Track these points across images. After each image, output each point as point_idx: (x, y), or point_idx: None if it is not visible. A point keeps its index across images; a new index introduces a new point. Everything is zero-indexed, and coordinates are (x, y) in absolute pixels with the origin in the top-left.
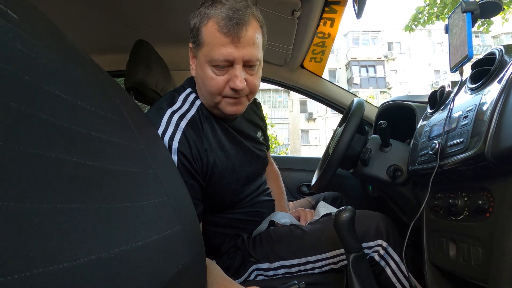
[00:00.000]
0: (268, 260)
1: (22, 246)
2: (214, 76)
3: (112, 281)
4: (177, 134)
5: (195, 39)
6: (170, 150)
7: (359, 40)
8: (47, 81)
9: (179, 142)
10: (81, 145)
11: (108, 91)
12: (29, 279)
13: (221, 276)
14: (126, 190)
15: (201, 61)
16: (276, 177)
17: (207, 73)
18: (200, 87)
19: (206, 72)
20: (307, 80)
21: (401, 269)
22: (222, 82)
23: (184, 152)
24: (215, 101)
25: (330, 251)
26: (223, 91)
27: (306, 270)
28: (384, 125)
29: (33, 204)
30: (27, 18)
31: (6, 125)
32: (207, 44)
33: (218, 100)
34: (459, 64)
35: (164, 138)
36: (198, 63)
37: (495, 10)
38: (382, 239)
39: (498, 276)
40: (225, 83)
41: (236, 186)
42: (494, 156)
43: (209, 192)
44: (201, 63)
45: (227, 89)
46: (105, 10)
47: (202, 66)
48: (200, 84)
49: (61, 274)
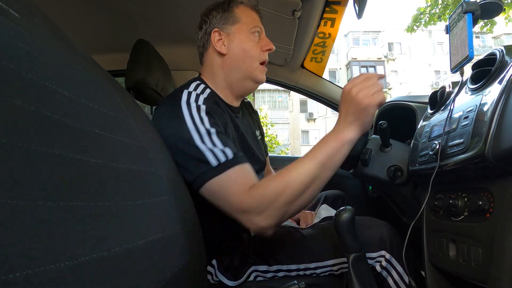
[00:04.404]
0: (266, 263)
1: (24, 244)
2: (255, 42)
3: (113, 280)
4: (200, 100)
5: (226, 20)
6: (199, 110)
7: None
8: (50, 79)
9: (205, 104)
10: (85, 143)
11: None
12: (30, 277)
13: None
14: (128, 188)
15: (240, 35)
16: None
17: (250, 40)
18: (239, 60)
19: (249, 41)
20: (308, 80)
21: (403, 280)
22: (260, 46)
23: (210, 111)
24: (254, 68)
25: (330, 260)
26: (261, 56)
27: (305, 274)
28: (384, 126)
29: (36, 201)
30: (28, 17)
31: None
32: (242, 18)
33: (255, 66)
34: (459, 65)
35: (190, 104)
36: (233, 39)
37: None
38: (385, 250)
39: (498, 276)
40: (260, 48)
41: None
42: (495, 157)
43: None
44: (241, 37)
45: (263, 53)
46: (105, 10)
47: (241, 38)
48: (240, 57)
49: (62, 272)
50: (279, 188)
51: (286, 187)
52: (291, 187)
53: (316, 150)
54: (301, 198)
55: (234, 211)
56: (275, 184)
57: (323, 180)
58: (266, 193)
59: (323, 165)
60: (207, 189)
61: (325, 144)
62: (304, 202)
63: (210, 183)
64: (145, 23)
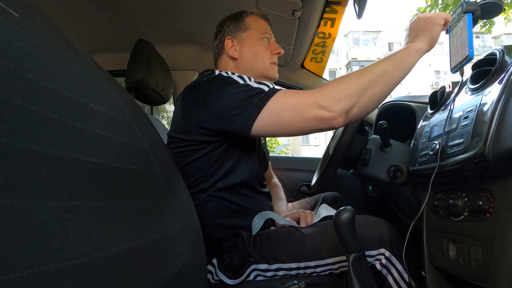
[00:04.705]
0: (267, 262)
1: (24, 244)
2: (265, 47)
3: (113, 280)
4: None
5: (238, 28)
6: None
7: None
8: (50, 79)
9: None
10: (85, 142)
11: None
12: (30, 278)
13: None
14: (128, 188)
15: (250, 41)
16: (278, 189)
17: (261, 46)
18: (250, 62)
19: (259, 46)
20: (308, 80)
21: (403, 278)
22: (269, 50)
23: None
24: (266, 67)
25: (330, 258)
26: (271, 58)
27: (306, 273)
28: (384, 126)
29: (36, 201)
30: (28, 17)
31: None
32: (252, 26)
33: (267, 66)
34: (459, 65)
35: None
36: (244, 45)
37: (496, 11)
38: (385, 248)
39: (498, 276)
40: (270, 52)
41: (251, 166)
42: (495, 157)
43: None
44: (252, 42)
45: (273, 56)
46: (106, 10)
47: (251, 43)
48: (251, 59)
49: (62, 272)
50: (350, 77)
51: (357, 76)
52: (362, 76)
53: (388, 55)
54: (372, 89)
55: (302, 109)
56: (345, 76)
57: (392, 77)
58: (336, 81)
59: (393, 62)
60: (267, 112)
61: (397, 51)
62: (374, 95)
63: (269, 104)
64: (145, 23)
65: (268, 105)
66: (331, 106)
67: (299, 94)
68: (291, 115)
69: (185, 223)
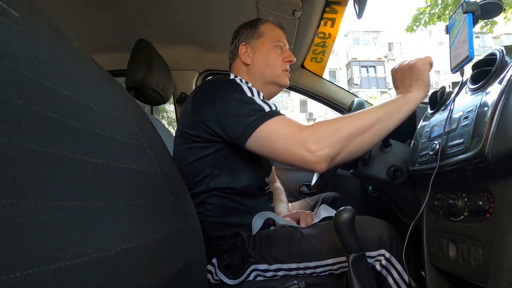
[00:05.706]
0: (266, 262)
1: (24, 243)
2: (277, 54)
3: (113, 280)
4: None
5: (252, 35)
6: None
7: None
8: (50, 79)
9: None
10: (85, 142)
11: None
12: (30, 277)
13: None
14: (128, 188)
15: (263, 48)
16: (280, 192)
17: (273, 53)
18: (262, 68)
19: (271, 53)
20: (308, 80)
21: (403, 279)
22: (281, 58)
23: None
24: (277, 74)
25: (330, 258)
26: (282, 66)
27: (305, 274)
28: None
29: (36, 201)
30: (28, 17)
31: (11, 122)
32: (266, 33)
33: (278, 73)
34: (459, 65)
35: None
36: (257, 51)
37: (496, 11)
38: (385, 249)
39: (498, 276)
40: (282, 59)
41: (255, 173)
42: (495, 157)
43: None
44: (264, 49)
45: (284, 63)
46: (106, 10)
47: (264, 50)
48: (263, 65)
49: (62, 272)
50: (342, 121)
51: (349, 121)
52: (354, 121)
53: (383, 103)
54: (362, 136)
55: (290, 144)
56: (338, 118)
57: (385, 126)
58: (329, 123)
59: (388, 111)
60: (261, 132)
61: (392, 100)
62: (363, 143)
63: (265, 125)
64: (145, 23)
65: (264, 126)
66: (316, 150)
67: (292, 127)
68: (281, 145)
69: (185, 223)
